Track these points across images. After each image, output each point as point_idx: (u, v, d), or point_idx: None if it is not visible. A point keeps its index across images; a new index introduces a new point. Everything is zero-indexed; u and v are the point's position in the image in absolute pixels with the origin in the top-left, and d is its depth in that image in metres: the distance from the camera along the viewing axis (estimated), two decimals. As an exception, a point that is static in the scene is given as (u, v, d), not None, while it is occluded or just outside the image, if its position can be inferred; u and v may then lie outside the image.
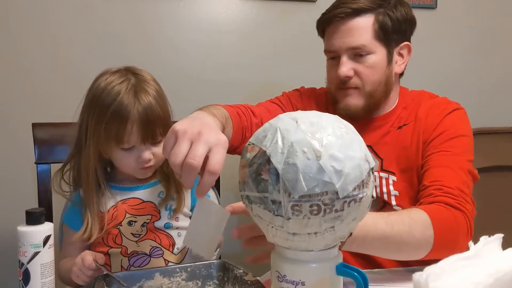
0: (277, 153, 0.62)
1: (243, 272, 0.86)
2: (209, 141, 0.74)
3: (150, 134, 1.02)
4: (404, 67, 1.25)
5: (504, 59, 2.13)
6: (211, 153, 0.73)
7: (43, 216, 0.84)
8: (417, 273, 0.65)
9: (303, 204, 0.61)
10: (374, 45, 1.16)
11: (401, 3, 1.21)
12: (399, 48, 1.22)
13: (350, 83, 1.18)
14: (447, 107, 1.19)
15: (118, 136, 1.00)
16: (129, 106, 1.00)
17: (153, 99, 1.03)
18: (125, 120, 0.99)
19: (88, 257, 0.92)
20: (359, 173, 0.63)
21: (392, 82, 1.22)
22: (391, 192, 1.16)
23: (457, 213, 0.99)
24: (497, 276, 0.65)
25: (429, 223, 0.95)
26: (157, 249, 1.06)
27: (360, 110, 1.19)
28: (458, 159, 1.10)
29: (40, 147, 1.28)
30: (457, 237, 0.99)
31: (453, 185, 1.03)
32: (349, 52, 1.17)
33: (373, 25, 1.16)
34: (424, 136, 1.15)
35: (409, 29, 1.23)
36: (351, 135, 0.66)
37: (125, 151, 1.03)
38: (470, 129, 1.19)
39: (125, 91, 1.01)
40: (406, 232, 0.92)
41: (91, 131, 1.03)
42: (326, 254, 0.67)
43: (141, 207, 1.08)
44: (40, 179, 1.28)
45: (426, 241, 0.94)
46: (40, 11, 1.67)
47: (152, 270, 0.89)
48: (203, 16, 1.81)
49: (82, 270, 0.92)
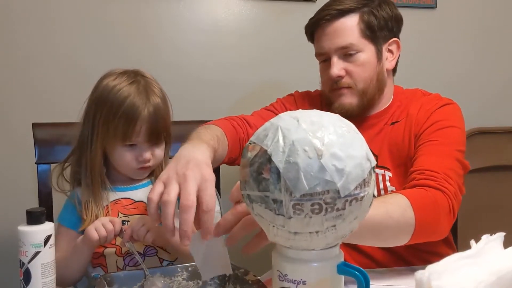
0: (278, 152, 0.62)
1: (244, 272, 0.86)
2: (197, 179, 0.75)
3: (155, 135, 1.06)
4: (395, 63, 1.28)
5: (504, 59, 2.13)
6: (200, 191, 0.74)
7: (43, 216, 0.84)
8: (419, 272, 0.65)
9: (304, 203, 0.61)
10: (362, 43, 1.19)
11: (386, 2, 1.25)
12: (387, 45, 1.25)
13: (342, 83, 1.21)
14: (438, 102, 1.21)
15: (125, 134, 1.04)
16: (141, 106, 1.04)
17: (161, 101, 1.08)
18: (135, 120, 1.03)
19: (117, 220, 0.99)
20: (361, 172, 0.63)
21: (384, 79, 1.24)
22: (388, 188, 1.18)
23: (437, 193, 0.98)
24: (499, 275, 0.65)
25: (408, 205, 0.93)
26: (151, 248, 1.08)
27: (355, 108, 1.22)
28: (447, 148, 1.10)
29: (41, 147, 1.28)
30: (438, 216, 0.97)
31: (437, 169, 1.02)
32: (339, 52, 1.20)
33: (359, 24, 1.19)
34: (415, 129, 1.17)
35: (396, 26, 1.26)
36: (352, 134, 0.66)
37: (127, 148, 1.06)
38: (462, 122, 1.20)
39: (136, 91, 1.05)
40: (382, 214, 0.89)
41: (99, 128, 1.06)
42: (328, 253, 0.67)
43: (133, 207, 1.10)
44: (40, 179, 1.28)
45: (407, 223, 0.92)
46: (40, 11, 1.67)
47: (153, 270, 0.89)
48: (203, 16, 1.81)
49: (106, 225, 0.97)
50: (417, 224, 0.93)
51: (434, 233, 1.00)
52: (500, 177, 2.03)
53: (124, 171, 1.10)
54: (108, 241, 0.99)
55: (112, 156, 1.09)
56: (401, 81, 1.39)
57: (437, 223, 0.98)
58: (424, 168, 1.04)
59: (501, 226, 0.92)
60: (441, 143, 1.11)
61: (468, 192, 1.13)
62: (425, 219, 0.94)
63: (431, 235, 0.99)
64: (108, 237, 0.97)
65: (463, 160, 1.12)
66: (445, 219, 0.99)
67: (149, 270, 0.89)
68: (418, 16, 2.01)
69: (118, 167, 1.10)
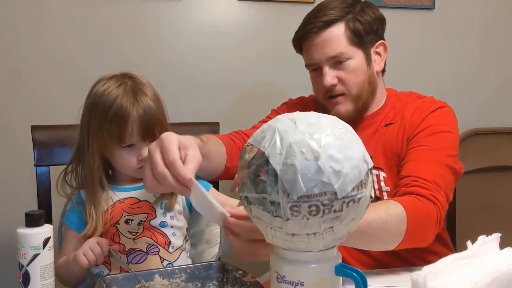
0: (276, 154, 0.63)
1: (243, 273, 0.86)
2: (158, 147, 0.81)
3: (149, 133, 1.07)
4: (383, 64, 1.30)
5: (502, 60, 2.13)
6: (162, 153, 0.80)
7: (42, 218, 0.84)
8: (415, 273, 0.65)
9: (302, 204, 0.61)
10: (351, 50, 1.22)
11: (367, 5, 1.27)
12: (375, 48, 1.27)
13: (336, 90, 1.23)
14: (432, 105, 1.23)
15: (119, 137, 1.05)
16: (128, 107, 1.05)
17: (150, 100, 1.08)
18: (126, 121, 1.04)
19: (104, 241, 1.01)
20: (358, 174, 0.63)
21: (375, 81, 1.27)
22: (383, 188, 1.20)
23: (429, 205, 1.03)
24: (495, 275, 0.65)
25: (404, 217, 0.98)
26: (153, 246, 1.09)
27: (352, 114, 1.25)
28: (437, 154, 1.13)
29: (39, 149, 1.28)
30: (427, 229, 1.03)
31: (428, 178, 1.06)
32: (329, 61, 1.22)
33: (345, 32, 1.21)
34: (409, 132, 1.20)
35: (380, 28, 1.28)
36: (350, 136, 0.66)
37: (126, 150, 1.07)
38: (455, 126, 1.23)
39: (123, 93, 1.06)
40: (382, 229, 0.95)
41: (93, 133, 1.07)
42: (325, 255, 0.67)
43: (137, 206, 1.11)
44: (39, 181, 1.28)
45: (399, 235, 0.98)
46: (38, 14, 1.67)
47: (152, 271, 0.89)
48: (202, 18, 1.81)
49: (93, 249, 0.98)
50: (406, 236, 0.98)
51: (420, 243, 1.05)
52: (497, 178, 2.03)
53: (127, 172, 1.11)
54: (98, 263, 1.01)
55: (112, 160, 1.10)
56: (399, 82, 1.40)
57: (425, 235, 1.04)
58: (417, 176, 1.07)
59: (499, 226, 0.93)
60: (432, 149, 1.14)
61: (465, 192, 1.15)
62: (415, 232, 1.00)
63: (417, 244, 1.05)
64: (98, 259, 1.00)
65: (454, 165, 1.15)
66: (432, 229, 1.05)
67: (147, 272, 0.89)
68: (416, 17, 2.02)
69: (120, 169, 1.11)
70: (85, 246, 1.00)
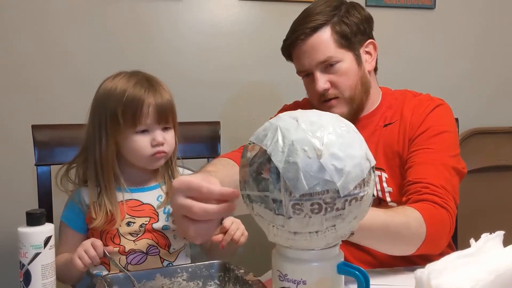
0: (278, 152, 0.62)
1: (244, 272, 0.86)
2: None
3: (164, 117, 1.08)
4: (375, 63, 1.30)
5: (503, 59, 2.13)
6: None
7: (43, 217, 0.84)
8: (419, 270, 0.65)
9: (304, 203, 0.61)
10: (339, 53, 1.21)
11: (353, 6, 1.26)
12: (364, 48, 1.27)
13: (329, 94, 1.23)
14: (430, 104, 1.23)
15: (135, 118, 1.05)
16: (144, 91, 1.07)
17: (164, 88, 1.11)
18: (142, 102, 1.06)
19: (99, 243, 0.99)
20: (360, 172, 0.63)
21: (367, 81, 1.26)
22: (385, 189, 1.20)
23: (443, 212, 1.05)
24: (498, 273, 0.65)
25: (423, 221, 1.00)
26: (154, 247, 1.08)
27: (347, 116, 1.23)
28: (441, 155, 1.14)
29: (40, 149, 1.28)
30: (442, 235, 1.06)
31: (438, 183, 1.08)
32: (320, 66, 1.22)
33: (332, 35, 1.21)
34: (410, 133, 1.20)
35: (368, 27, 1.27)
36: (352, 134, 0.66)
37: (140, 135, 1.07)
38: (453, 124, 1.24)
39: (136, 81, 1.08)
40: (404, 224, 0.98)
41: (107, 123, 1.07)
42: (327, 253, 0.67)
43: (140, 208, 1.10)
44: (40, 180, 1.28)
45: (419, 237, 1.00)
46: (39, 13, 1.67)
47: (153, 271, 0.89)
48: (202, 17, 1.82)
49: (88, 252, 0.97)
50: (426, 239, 1.00)
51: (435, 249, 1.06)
52: (498, 177, 2.03)
53: (139, 161, 1.10)
54: (95, 264, 1.00)
55: (125, 148, 1.09)
56: (399, 82, 1.40)
57: (441, 241, 1.06)
58: (427, 182, 1.08)
59: (500, 225, 0.92)
60: (436, 151, 1.14)
61: (467, 192, 1.15)
62: (433, 236, 1.02)
63: (433, 249, 1.06)
64: (94, 261, 0.98)
65: (457, 165, 1.16)
66: (445, 236, 1.07)
67: (149, 271, 0.89)
68: (416, 16, 2.02)
69: (132, 158, 1.10)
70: (80, 250, 0.99)
